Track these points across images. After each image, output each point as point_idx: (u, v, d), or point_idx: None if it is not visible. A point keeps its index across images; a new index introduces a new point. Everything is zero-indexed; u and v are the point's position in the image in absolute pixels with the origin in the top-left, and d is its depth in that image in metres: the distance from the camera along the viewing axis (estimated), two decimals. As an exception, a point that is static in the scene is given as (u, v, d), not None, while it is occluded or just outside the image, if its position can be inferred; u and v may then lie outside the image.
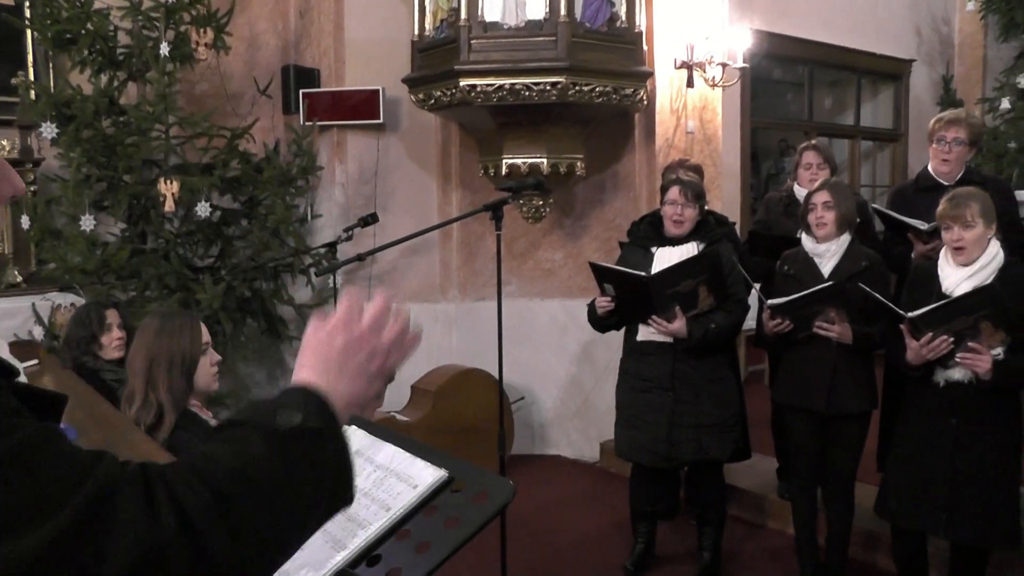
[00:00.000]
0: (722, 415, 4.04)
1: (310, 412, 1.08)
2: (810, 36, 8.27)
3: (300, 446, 1.05)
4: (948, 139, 4.08)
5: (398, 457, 1.65)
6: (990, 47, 9.14)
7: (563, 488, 5.66)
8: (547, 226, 6.18)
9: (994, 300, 3.11)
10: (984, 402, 3.26)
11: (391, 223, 5.89)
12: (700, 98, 6.19)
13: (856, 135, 9.50)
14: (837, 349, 3.74)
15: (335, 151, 6.15)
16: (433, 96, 5.40)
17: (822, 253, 3.83)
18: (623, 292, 3.97)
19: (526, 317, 6.16)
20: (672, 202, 4.04)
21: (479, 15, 5.16)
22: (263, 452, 1.02)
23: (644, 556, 4.43)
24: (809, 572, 4.06)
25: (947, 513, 3.29)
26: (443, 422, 5.51)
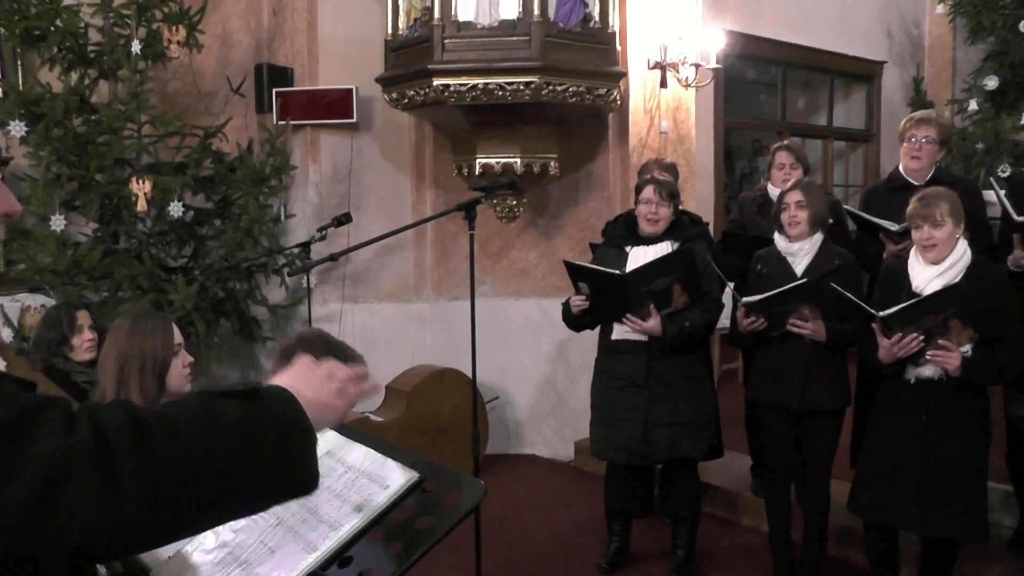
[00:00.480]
0: (697, 413, 4.06)
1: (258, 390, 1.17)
2: (783, 38, 8.31)
3: (233, 401, 1.13)
4: (919, 138, 4.13)
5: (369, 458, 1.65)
6: (959, 49, 9.22)
7: (538, 487, 5.67)
8: (521, 226, 6.18)
9: (962, 298, 3.15)
10: (954, 398, 3.30)
11: (365, 223, 5.88)
12: (673, 98, 6.21)
13: (829, 135, 9.56)
14: (811, 346, 3.78)
15: (308, 150, 6.12)
16: (407, 95, 5.39)
17: (795, 252, 3.87)
18: (598, 291, 3.98)
19: (500, 317, 6.17)
20: (647, 201, 4.05)
21: (452, 14, 5.15)
22: (194, 403, 1.11)
23: (619, 554, 4.45)
24: (783, 568, 4.09)
25: (917, 508, 3.34)
26: (418, 422, 5.50)
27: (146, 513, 1.00)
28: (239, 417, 1.11)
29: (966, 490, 3.32)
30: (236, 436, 1.09)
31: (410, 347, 6.25)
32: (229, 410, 1.11)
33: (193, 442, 1.05)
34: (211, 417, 1.09)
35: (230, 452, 1.08)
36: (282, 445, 1.14)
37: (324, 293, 6.11)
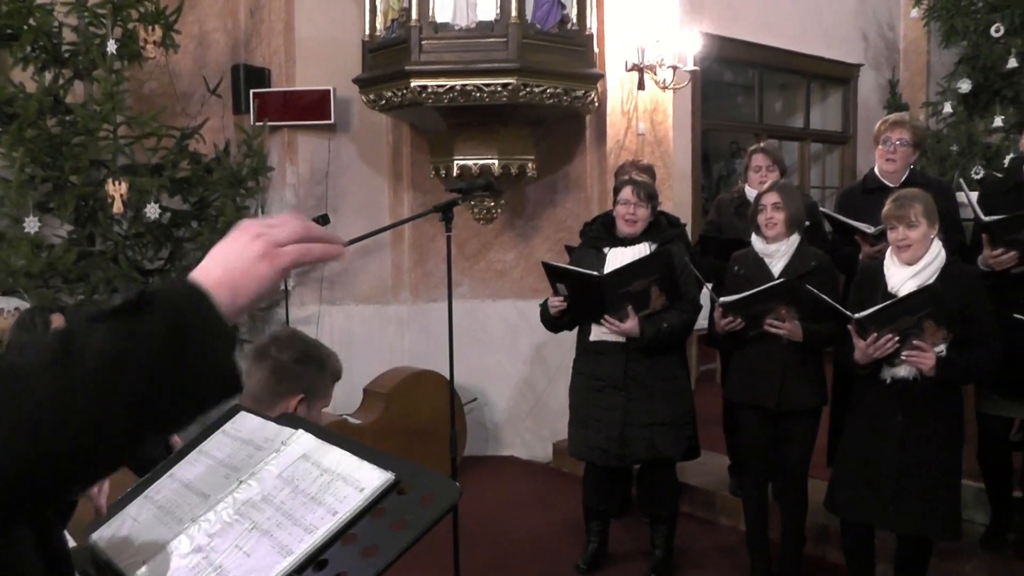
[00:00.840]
0: (675, 413, 4.08)
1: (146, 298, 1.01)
2: (760, 40, 8.36)
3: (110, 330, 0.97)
4: (893, 140, 4.18)
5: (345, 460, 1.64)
6: (933, 53, 9.32)
7: (516, 488, 5.67)
8: (498, 227, 6.19)
9: (936, 299, 3.19)
10: (928, 398, 3.35)
11: (342, 224, 5.85)
12: (651, 100, 6.24)
13: (806, 137, 9.62)
14: (787, 346, 3.81)
15: (286, 152, 6.09)
16: (384, 97, 5.38)
17: (772, 253, 3.90)
18: (576, 292, 3.99)
19: (478, 318, 6.17)
20: (625, 202, 4.06)
21: (430, 15, 5.15)
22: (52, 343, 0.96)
23: (597, 555, 4.46)
24: (761, 567, 4.12)
25: (893, 506, 3.38)
26: (396, 424, 5.49)
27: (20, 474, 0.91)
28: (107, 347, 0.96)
29: (940, 488, 3.38)
30: (98, 374, 0.95)
31: (388, 349, 6.24)
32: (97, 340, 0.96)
33: (42, 398, 0.93)
34: (66, 359, 0.94)
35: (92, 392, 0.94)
36: (177, 357, 1.00)
37: (301, 295, 6.09)
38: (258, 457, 1.65)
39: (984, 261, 3.79)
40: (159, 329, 0.99)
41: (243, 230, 1.12)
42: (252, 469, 1.62)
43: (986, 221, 3.72)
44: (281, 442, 1.65)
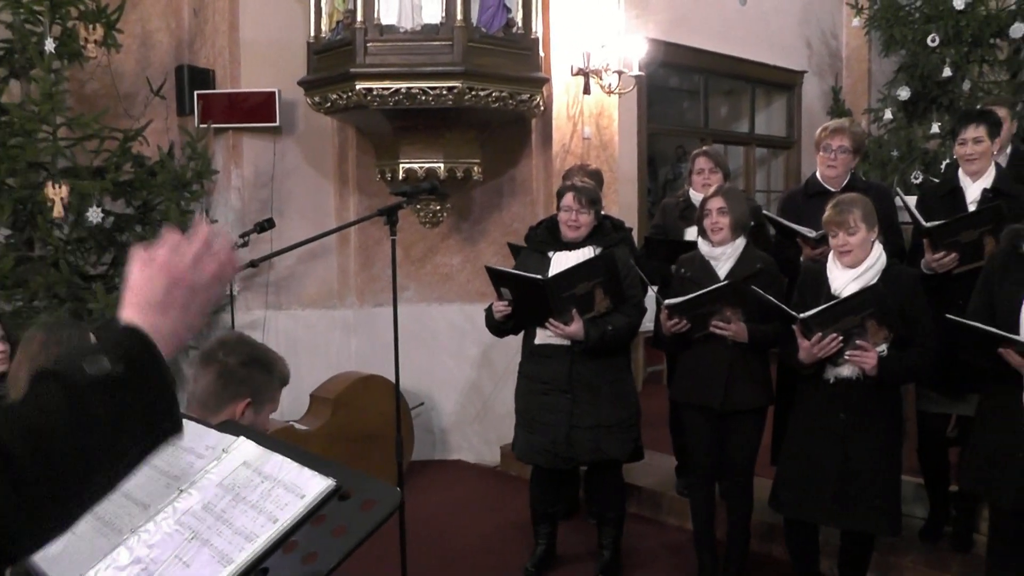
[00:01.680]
0: (620, 416, 4.10)
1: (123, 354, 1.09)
2: (705, 46, 8.46)
3: (103, 394, 1.06)
4: (834, 147, 4.25)
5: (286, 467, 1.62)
6: (874, 61, 9.51)
7: (464, 492, 5.66)
8: (445, 231, 6.17)
9: (878, 300, 3.26)
10: (870, 397, 3.42)
11: (288, 228, 5.77)
12: (596, 104, 6.27)
13: (751, 142, 9.75)
14: (733, 347, 3.85)
15: (231, 154, 6.01)
16: (329, 99, 5.34)
17: (718, 256, 3.94)
18: (520, 296, 4.00)
19: (425, 322, 6.15)
20: (567, 208, 4.08)
21: (375, 17, 5.11)
22: (62, 405, 1.04)
23: (545, 557, 4.46)
24: (708, 566, 4.16)
25: (836, 503, 3.44)
26: (343, 430, 5.44)
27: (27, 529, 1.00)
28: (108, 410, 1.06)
29: (882, 485, 3.45)
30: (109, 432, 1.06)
31: (334, 354, 6.20)
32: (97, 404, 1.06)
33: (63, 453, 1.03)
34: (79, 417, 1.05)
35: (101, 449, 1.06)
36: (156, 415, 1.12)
37: (247, 300, 6.02)
38: (199, 465, 1.63)
39: (927, 264, 3.87)
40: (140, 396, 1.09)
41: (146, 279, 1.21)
42: (192, 477, 1.61)
43: (927, 227, 3.80)
44: (222, 450, 1.64)
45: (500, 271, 4.11)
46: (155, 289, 1.19)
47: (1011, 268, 3.19)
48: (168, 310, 1.18)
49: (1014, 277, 3.16)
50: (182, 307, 1.20)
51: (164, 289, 1.19)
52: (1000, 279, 3.22)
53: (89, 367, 1.07)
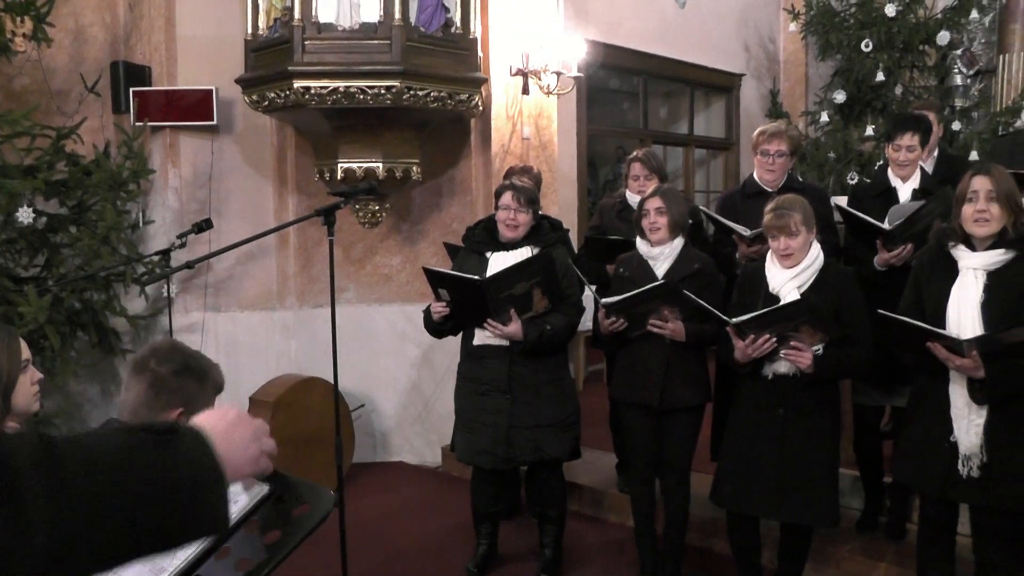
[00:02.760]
0: (560, 415, 4.11)
1: (183, 434, 1.14)
2: (644, 48, 8.53)
3: (153, 443, 1.08)
4: (771, 152, 4.32)
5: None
6: (811, 65, 9.69)
7: (406, 494, 5.64)
8: (384, 231, 6.14)
9: (811, 312, 3.31)
10: (807, 393, 3.48)
11: (226, 229, 5.70)
12: (536, 105, 6.29)
13: (690, 143, 9.85)
14: (670, 345, 3.88)
15: (168, 153, 5.91)
16: (267, 98, 5.27)
17: (656, 256, 3.97)
18: (458, 297, 3.99)
19: (365, 323, 6.12)
20: (506, 207, 4.08)
21: (313, 15, 5.05)
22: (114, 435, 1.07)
23: (487, 557, 4.47)
24: (649, 561, 4.20)
25: (776, 497, 3.50)
26: (283, 434, 5.37)
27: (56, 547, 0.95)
28: (157, 457, 1.07)
29: (820, 478, 3.51)
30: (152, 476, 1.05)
31: (274, 356, 6.13)
32: (148, 447, 1.07)
33: (108, 475, 1.02)
34: (130, 452, 1.05)
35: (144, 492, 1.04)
36: (195, 490, 1.11)
37: (186, 302, 5.93)
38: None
39: (884, 262, 3.97)
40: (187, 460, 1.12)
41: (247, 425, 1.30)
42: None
43: (889, 229, 3.89)
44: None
45: (437, 272, 4.10)
46: (225, 418, 1.28)
47: (938, 266, 3.27)
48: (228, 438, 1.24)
49: (941, 275, 3.24)
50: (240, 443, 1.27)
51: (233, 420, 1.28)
52: (928, 277, 3.30)
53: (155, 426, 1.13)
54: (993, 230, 3.11)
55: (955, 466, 3.14)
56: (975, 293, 3.12)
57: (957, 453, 3.13)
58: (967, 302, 3.12)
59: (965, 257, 3.17)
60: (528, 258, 3.97)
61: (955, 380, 3.14)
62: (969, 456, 3.11)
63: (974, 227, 3.13)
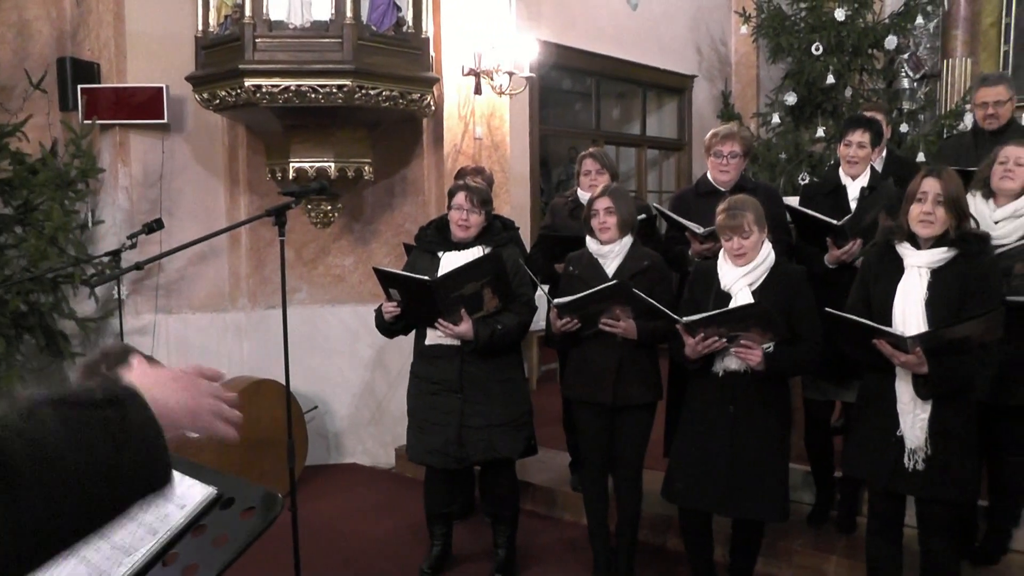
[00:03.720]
0: (512, 414, 4.12)
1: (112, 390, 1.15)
2: (597, 49, 8.57)
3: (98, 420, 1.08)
4: (725, 153, 4.37)
5: (167, 477, 1.58)
6: (762, 67, 9.82)
7: (359, 496, 5.61)
8: (337, 231, 6.10)
9: (760, 316, 3.36)
10: (758, 389, 3.53)
11: (178, 229, 5.62)
12: (488, 105, 6.30)
13: (642, 144, 9.91)
14: (622, 344, 3.90)
15: (118, 152, 5.80)
16: (218, 96, 5.20)
17: (606, 254, 3.99)
18: (408, 297, 3.98)
19: (318, 324, 6.08)
20: (458, 207, 4.08)
21: (264, 13, 5.00)
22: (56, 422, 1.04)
23: (441, 557, 4.47)
24: (602, 558, 4.22)
25: (727, 492, 3.54)
26: (236, 436, 5.32)
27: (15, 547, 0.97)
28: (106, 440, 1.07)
29: (771, 474, 3.56)
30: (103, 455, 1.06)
31: (226, 358, 6.05)
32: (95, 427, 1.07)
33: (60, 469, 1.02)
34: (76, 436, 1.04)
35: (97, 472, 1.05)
36: (142, 453, 1.13)
37: (137, 304, 5.84)
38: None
39: (836, 259, 4.05)
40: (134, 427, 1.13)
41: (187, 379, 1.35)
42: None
43: (839, 224, 3.97)
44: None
45: (388, 272, 4.09)
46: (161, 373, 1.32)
47: (885, 264, 3.35)
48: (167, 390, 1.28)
49: (887, 273, 3.31)
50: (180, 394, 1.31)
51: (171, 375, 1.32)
52: (875, 275, 3.38)
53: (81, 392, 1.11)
54: (936, 232, 3.19)
55: (901, 459, 3.22)
56: (919, 291, 3.20)
57: (903, 447, 3.21)
58: (912, 299, 3.20)
59: (910, 255, 3.25)
60: (478, 258, 3.96)
61: (901, 376, 3.21)
62: (915, 450, 3.20)
63: (919, 227, 3.21)
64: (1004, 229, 3.77)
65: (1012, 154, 3.82)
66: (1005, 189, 3.81)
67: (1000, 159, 3.85)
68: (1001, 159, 3.84)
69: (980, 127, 4.87)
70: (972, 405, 3.27)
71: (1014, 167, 3.80)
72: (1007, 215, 3.80)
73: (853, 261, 3.99)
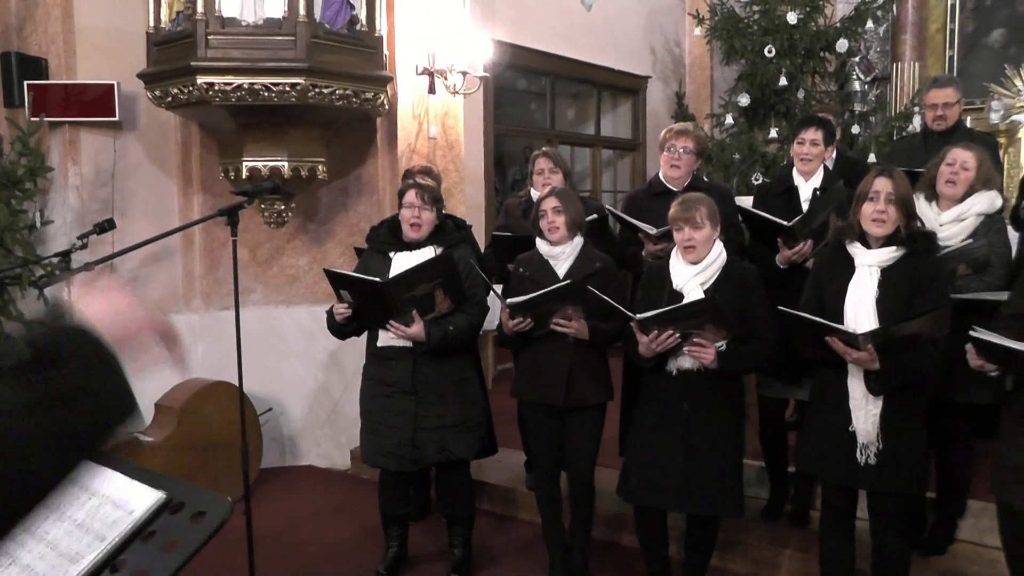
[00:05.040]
0: (466, 415, 4.12)
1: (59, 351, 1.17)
2: (551, 49, 8.59)
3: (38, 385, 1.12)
4: (678, 148, 4.40)
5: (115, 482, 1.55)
6: (716, 69, 9.92)
7: (315, 499, 5.57)
8: (291, 231, 6.05)
9: (714, 310, 3.38)
10: (711, 387, 3.56)
11: (130, 229, 5.51)
12: (442, 105, 6.28)
13: (597, 144, 9.96)
14: (574, 345, 3.91)
15: (67, 151, 5.68)
16: (170, 93, 5.13)
17: (557, 255, 4.00)
18: (360, 298, 3.95)
19: (272, 325, 6.02)
20: (410, 205, 4.06)
21: (216, 9, 4.94)
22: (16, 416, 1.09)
23: (397, 559, 4.45)
24: (557, 557, 4.23)
25: (681, 489, 3.56)
26: (190, 440, 5.26)
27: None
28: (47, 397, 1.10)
29: (725, 470, 3.59)
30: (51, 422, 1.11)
31: (180, 360, 5.97)
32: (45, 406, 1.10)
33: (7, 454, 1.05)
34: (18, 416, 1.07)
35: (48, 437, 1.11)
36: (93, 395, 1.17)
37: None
38: (18, 483, 1.54)
39: (787, 260, 4.10)
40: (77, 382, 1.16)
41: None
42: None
43: (789, 225, 4.01)
44: (46, 465, 1.55)
45: (339, 273, 4.05)
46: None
47: (836, 263, 3.41)
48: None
49: (839, 272, 3.37)
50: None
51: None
52: (827, 274, 3.44)
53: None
54: (887, 231, 3.27)
55: (854, 454, 3.28)
56: (870, 289, 3.27)
57: (856, 442, 3.27)
58: (863, 297, 3.27)
59: (861, 254, 3.32)
60: (429, 259, 3.95)
61: (853, 372, 3.27)
62: (866, 444, 3.26)
63: (871, 226, 3.28)
64: (948, 232, 3.91)
65: (959, 157, 3.96)
66: (948, 195, 3.96)
67: (947, 160, 3.98)
68: (948, 160, 3.98)
69: (929, 128, 4.98)
70: (923, 401, 3.35)
71: (959, 170, 3.94)
72: (951, 219, 3.94)
73: (804, 261, 4.04)
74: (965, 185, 3.92)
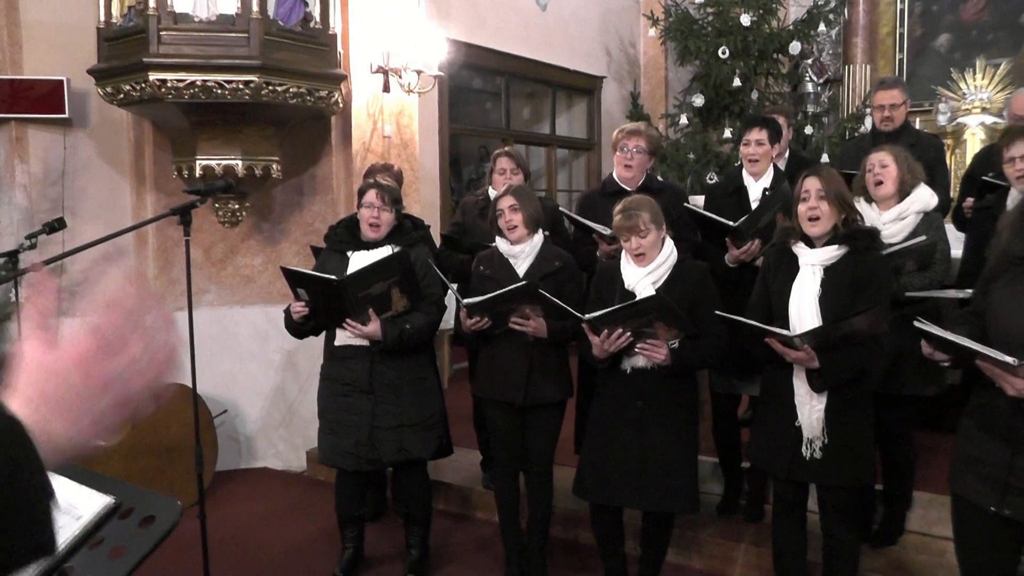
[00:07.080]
0: (423, 414, 4.12)
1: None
2: (506, 49, 8.59)
3: None
4: (630, 147, 4.44)
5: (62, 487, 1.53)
6: (671, 70, 9.98)
7: (271, 501, 5.53)
8: (245, 231, 6.00)
9: (662, 308, 3.41)
10: (665, 385, 3.59)
11: (81, 229, 5.42)
12: (397, 103, 6.26)
13: (552, 144, 9.97)
14: (532, 343, 3.93)
15: (15, 148, 5.57)
16: (122, 90, 5.06)
17: (517, 254, 4.01)
18: (317, 297, 3.94)
19: (227, 326, 5.96)
20: (369, 205, 4.06)
21: (168, 5, 4.89)
22: None
23: (353, 560, 4.43)
24: (514, 555, 4.25)
25: (637, 486, 3.59)
26: (144, 443, 5.18)
27: None
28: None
29: (679, 466, 3.62)
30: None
31: (133, 362, 5.88)
32: None
33: None
34: None
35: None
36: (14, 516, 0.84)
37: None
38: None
39: (735, 259, 4.15)
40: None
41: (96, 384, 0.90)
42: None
43: (735, 225, 4.06)
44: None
45: (295, 272, 4.04)
46: (61, 386, 0.88)
47: (782, 263, 3.46)
48: (73, 415, 0.88)
49: (784, 272, 3.43)
50: (94, 417, 0.90)
51: (76, 390, 0.89)
52: (774, 274, 3.49)
53: None
54: (824, 228, 3.32)
55: (800, 449, 3.33)
56: (813, 288, 3.32)
57: (802, 436, 3.33)
58: (806, 297, 3.32)
59: (804, 254, 3.37)
60: (385, 257, 3.94)
61: (796, 370, 3.33)
62: (812, 439, 3.32)
63: (807, 225, 3.35)
64: (891, 230, 4.01)
65: (875, 160, 4.11)
66: (882, 195, 4.08)
67: (867, 167, 4.13)
68: (867, 167, 4.13)
69: (878, 129, 5.06)
70: (867, 395, 3.40)
71: (880, 170, 4.06)
72: (893, 217, 4.04)
73: (754, 260, 4.09)
74: (893, 181, 4.04)
